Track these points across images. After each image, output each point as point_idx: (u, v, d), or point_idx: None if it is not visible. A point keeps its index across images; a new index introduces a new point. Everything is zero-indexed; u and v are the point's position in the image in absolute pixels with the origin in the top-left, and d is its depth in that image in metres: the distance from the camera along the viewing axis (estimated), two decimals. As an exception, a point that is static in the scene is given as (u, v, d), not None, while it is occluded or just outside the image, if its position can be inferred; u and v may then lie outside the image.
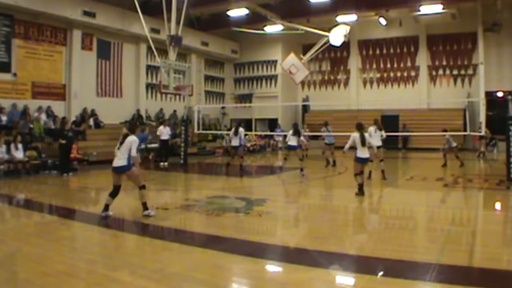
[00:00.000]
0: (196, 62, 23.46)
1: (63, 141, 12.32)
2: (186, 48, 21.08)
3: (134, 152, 6.70)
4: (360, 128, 8.80)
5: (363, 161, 8.74)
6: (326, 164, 14.27)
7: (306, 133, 17.55)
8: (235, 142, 13.14)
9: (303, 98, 25.36)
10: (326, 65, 25.58)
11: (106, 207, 6.75)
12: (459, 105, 20.74)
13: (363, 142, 8.60)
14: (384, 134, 11.40)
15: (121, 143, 6.74)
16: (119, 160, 6.68)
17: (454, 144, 14.16)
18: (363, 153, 8.67)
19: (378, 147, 11.02)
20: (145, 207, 6.79)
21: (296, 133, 12.48)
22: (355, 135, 8.68)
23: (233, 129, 13.40)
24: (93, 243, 5.70)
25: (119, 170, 6.72)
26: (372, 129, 11.00)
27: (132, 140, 6.72)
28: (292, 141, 12.37)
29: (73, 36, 16.76)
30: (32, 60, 15.49)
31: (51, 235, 5.86)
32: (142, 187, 6.84)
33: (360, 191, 8.64)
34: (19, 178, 11.78)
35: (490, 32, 20.42)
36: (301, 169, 12.26)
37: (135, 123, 7.44)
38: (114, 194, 6.76)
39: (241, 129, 13.29)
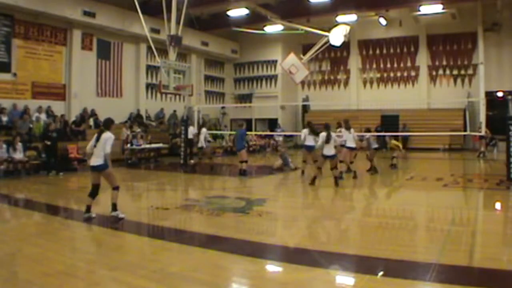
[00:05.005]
0: (196, 62, 23.44)
1: (48, 142, 12.45)
2: (186, 48, 21.06)
3: (107, 149, 6.57)
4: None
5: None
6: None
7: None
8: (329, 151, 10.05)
9: (303, 98, 25.35)
10: (326, 65, 25.55)
11: (88, 209, 6.66)
12: (459, 105, 20.74)
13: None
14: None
15: (97, 140, 6.63)
16: (97, 159, 6.61)
17: (375, 146, 12.67)
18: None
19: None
20: (114, 208, 6.69)
21: (313, 132, 11.42)
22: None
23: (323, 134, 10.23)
24: (93, 243, 5.71)
25: (97, 169, 6.65)
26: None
27: (107, 137, 6.61)
28: (309, 141, 11.43)
29: (73, 36, 16.74)
30: (32, 60, 15.48)
31: (51, 235, 5.87)
32: (116, 188, 6.75)
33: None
34: (19, 178, 11.79)
35: (490, 32, 20.44)
36: (303, 172, 11.77)
37: (110, 119, 7.06)
38: (93, 194, 6.70)
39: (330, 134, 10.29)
